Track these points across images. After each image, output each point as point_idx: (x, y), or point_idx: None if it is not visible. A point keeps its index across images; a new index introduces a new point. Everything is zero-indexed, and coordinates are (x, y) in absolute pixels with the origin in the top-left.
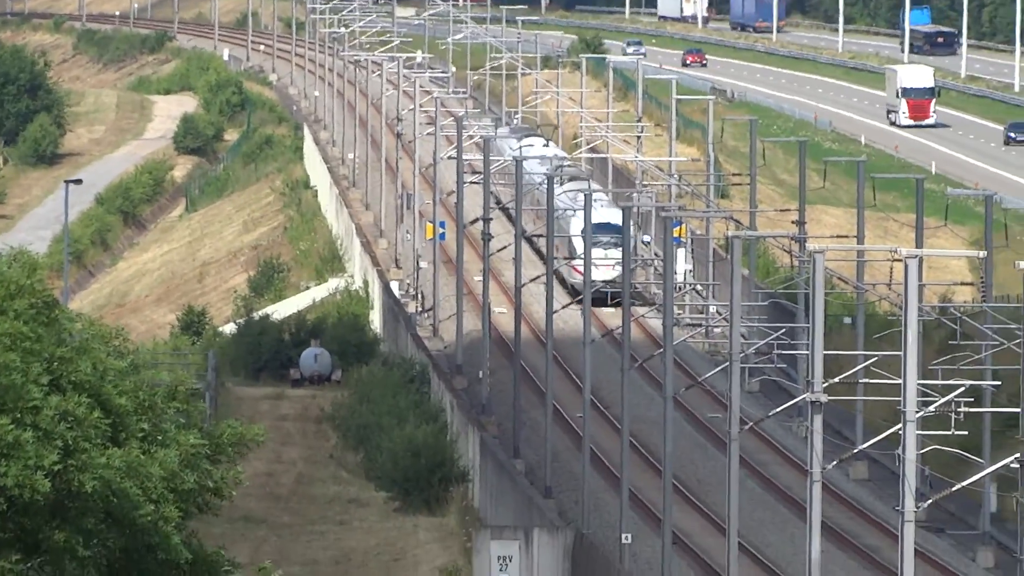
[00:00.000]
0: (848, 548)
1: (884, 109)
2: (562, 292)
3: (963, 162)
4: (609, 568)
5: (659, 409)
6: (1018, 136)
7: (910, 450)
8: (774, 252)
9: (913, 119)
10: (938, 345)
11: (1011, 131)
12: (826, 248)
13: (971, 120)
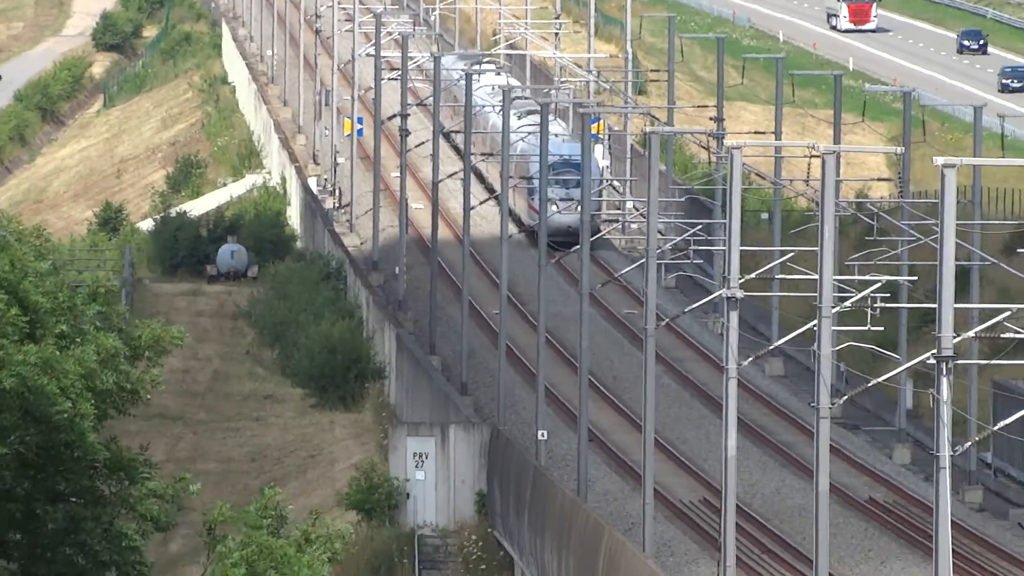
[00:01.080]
0: (763, 444)
1: (824, 13)
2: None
3: (912, 71)
4: (525, 464)
5: (575, 305)
6: (971, 44)
7: (825, 346)
8: (692, 148)
9: (854, 23)
10: (855, 241)
11: (964, 39)
12: (744, 144)
13: (921, 27)
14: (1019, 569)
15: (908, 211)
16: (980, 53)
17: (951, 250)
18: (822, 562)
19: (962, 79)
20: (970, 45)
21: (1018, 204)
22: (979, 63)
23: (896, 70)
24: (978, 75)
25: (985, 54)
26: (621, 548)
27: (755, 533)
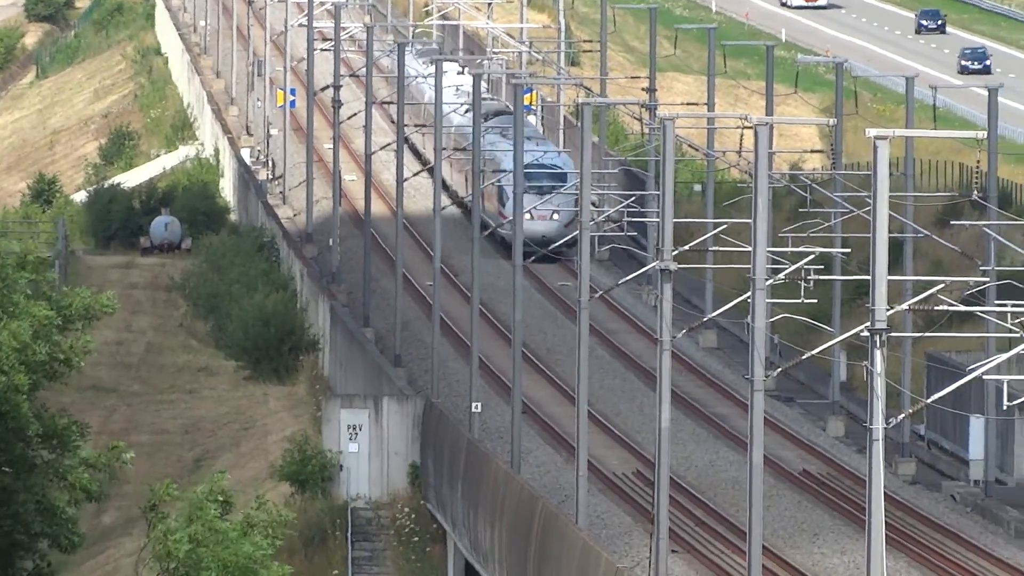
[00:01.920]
0: (697, 416)
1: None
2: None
3: (866, 50)
4: (458, 436)
5: (509, 278)
6: (929, 24)
7: (759, 318)
8: (625, 120)
9: (805, 0)
10: (788, 213)
11: (923, 19)
12: (676, 115)
13: (875, 4)
14: (952, 541)
15: (841, 183)
16: (938, 33)
17: (884, 222)
18: (755, 535)
19: (921, 60)
20: (928, 25)
21: (951, 176)
22: (936, 43)
23: (853, 51)
24: (936, 56)
25: (944, 34)
26: (554, 520)
27: (688, 505)
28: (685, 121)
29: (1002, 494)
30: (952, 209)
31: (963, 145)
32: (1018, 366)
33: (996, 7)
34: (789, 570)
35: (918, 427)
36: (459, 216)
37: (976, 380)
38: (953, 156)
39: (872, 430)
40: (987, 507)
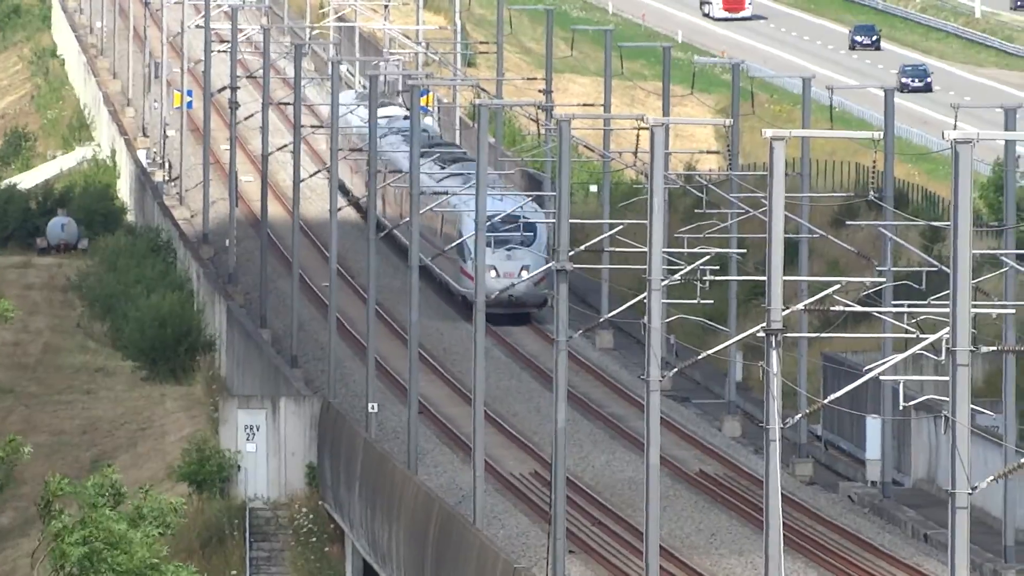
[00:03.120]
0: (594, 417)
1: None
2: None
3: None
4: (355, 437)
5: (405, 278)
6: (864, 40)
7: (655, 319)
8: (521, 121)
9: (728, 10)
10: (684, 213)
11: (856, 34)
12: (573, 116)
13: (800, 16)
14: (849, 542)
15: (737, 183)
16: (873, 49)
17: (780, 223)
18: (652, 535)
19: (856, 76)
20: (863, 40)
21: (847, 176)
22: (871, 59)
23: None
24: (872, 72)
25: (878, 50)
26: (452, 520)
27: (585, 506)
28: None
29: (899, 495)
30: (848, 209)
31: (860, 145)
32: (914, 366)
33: (930, 20)
34: (687, 571)
35: (815, 428)
36: (356, 218)
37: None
38: (850, 156)
39: (768, 430)
40: (884, 508)
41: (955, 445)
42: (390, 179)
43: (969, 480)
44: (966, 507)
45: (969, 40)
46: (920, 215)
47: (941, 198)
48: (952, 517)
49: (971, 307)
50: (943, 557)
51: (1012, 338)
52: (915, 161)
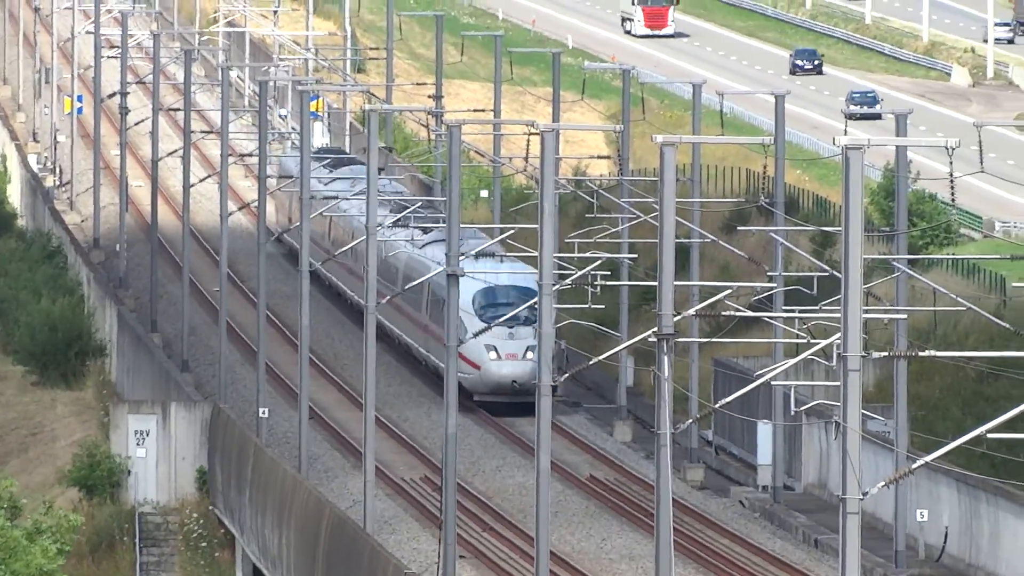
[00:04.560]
0: (485, 422)
1: (619, 16)
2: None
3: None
4: (246, 442)
5: (296, 283)
6: (805, 64)
7: (546, 324)
8: (411, 126)
9: (649, 28)
10: (574, 219)
11: (798, 59)
12: (463, 122)
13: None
14: (740, 547)
15: (628, 189)
16: (815, 74)
17: (671, 228)
18: (543, 540)
19: (799, 103)
20: (804, 65)
21: (737, 182)
22: (814, 84)
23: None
24: (816, 98)
25: (820, 75)
26: (342, 525)
27: (476, 511)
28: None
29: (790, 500)
30: (739, 215)
31: (751, 151)
32: (805, 372)
33: (821, 26)
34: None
35: (706, 433)
36: (246, 220)
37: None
38: (741, 162)
39: (660, 435)
40: (775, 512)
41: (846, 450)
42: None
43: (860, 485)
44: (857, 512)
45: (859, 46)
46: (811, 220)
47: (832, 203)
48: (843, 522)
49: (862, 312)
50: (834, 562)
51: (903, 343)
52: (806, 167)
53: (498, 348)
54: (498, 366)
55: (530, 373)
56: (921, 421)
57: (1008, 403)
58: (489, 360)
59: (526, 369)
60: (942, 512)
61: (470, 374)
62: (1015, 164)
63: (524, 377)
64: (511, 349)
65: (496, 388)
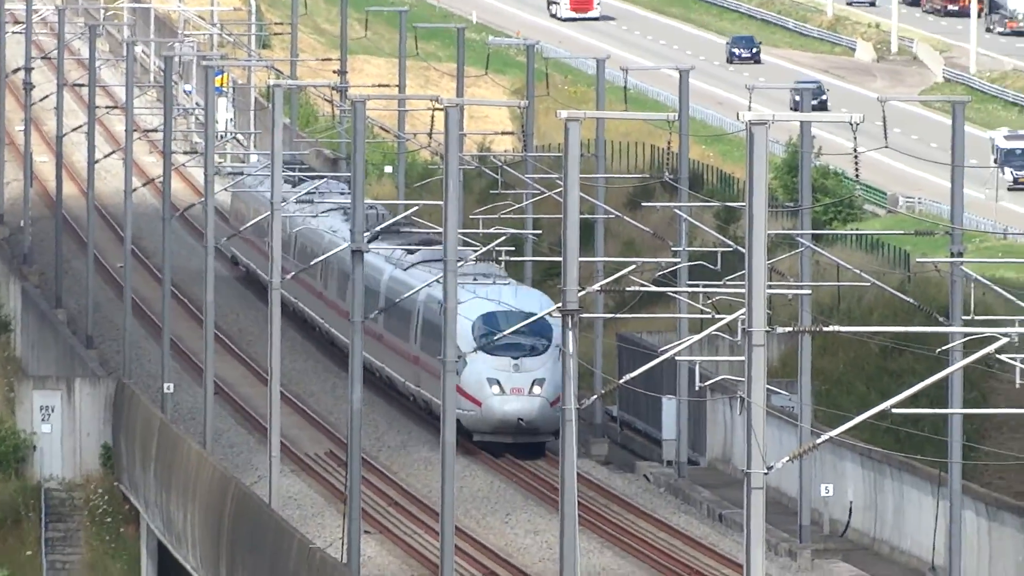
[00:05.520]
0: (389, 398)
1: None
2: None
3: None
4: (150, 417)
5: (200, 259)
6: (743, 52)
7: (451, 300)
8: (316, 102)
9: (575, 10)
10: (479, 194)
11: (734, 47)
12: (367, 97)
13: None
14: (644, 521)
15: (532, 164)
16: (752, 62)
17: (575, 203)
18: (447, 515)
19: (739, 91)
20: (741, 53)
21: (642, 158)
22: (749, 72)
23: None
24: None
25: (758, 63)
26: (247, 501)
27: (381, 486)
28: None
29: (695, 474)
30: (644, 191)
31: (655, 127)
32: (710, 347)
33: (725, 1)
34: (482, 550)
35: (611, 408)
36: (150, 196)
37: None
38: (645, 138)
39: (564, 411)
40: (680, 487)
41: (750, 425)
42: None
43: (764, 460)
44: (761, 487)
45: (764, 21)
46: (715, 196)
47: (736, 179)
48: (747, 497)
49: (766, 287)
50: (738, 537)
51: (807, 318)
52: (710, 143)
53: (501, 382)
54: (501, 402)
55: (538, 410)
56: (825, 396)
57: (912, 378)
58: (491, 395)
59: (534, 406)
60: (847, 487)
61: (470, 411)
62: (919, 139)
63: (532, 415)
64: (516, 383)
65: (499, 427)
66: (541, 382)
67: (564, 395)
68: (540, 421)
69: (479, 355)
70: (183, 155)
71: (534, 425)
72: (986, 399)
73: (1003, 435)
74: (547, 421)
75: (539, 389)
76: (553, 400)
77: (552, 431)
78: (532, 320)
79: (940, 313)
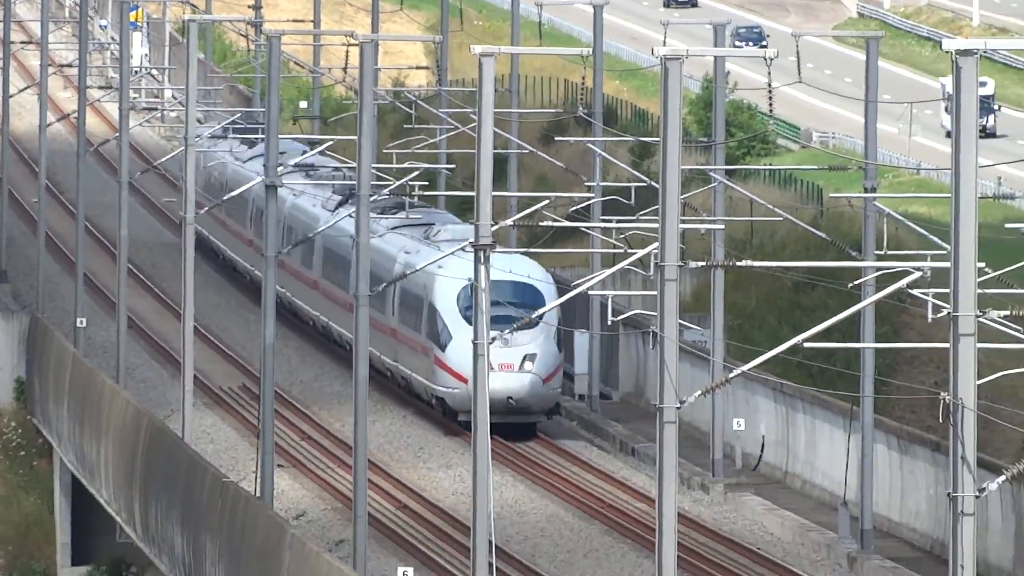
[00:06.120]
0: (301, 333)
1: None
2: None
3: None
4: (64, 352)
5: (115, 194)
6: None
7: (363, 234)
8: (231, 37)
9: None
10: (393, 129)
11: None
12: (283, 32)
13: None
14: (557, 455)
15: (446, 99)
16: (689, 7)
17: (489, 138)
18: (360, 449)
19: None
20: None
21: (556, 93)
22: (683, 15)
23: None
24: (695, 32)
25: (695, 7)
26: (161, 435)
27: (295, 420)
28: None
29: (607, 409)
30: (557, 126)
31: (569, 62)
32: (623, 281)
33: None
34: (395, 484)
35: None
36: (65, 131)
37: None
38: (559, 73)
39: (477, 345)
40: (592, 422)
41: (663, 360)
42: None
43: (677, 395)
44: (674, 421)
45: None
46: (629, 131)
47: (650, 114)
48: (660, 431)
49: (679, 222)
50: (651, 471)
51: (720, 253)
52: (624, 78)
53: (494, 358)
54: (490, 380)
55: (529, 388)
56: (738, 331)
57: (824, 312)
58: None
59: (524, 383)
60: (759, 421)
61: (455, 389)
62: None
63: (523, 393)
64: (505, 359)
65: (493, 404)
66: (532, 358)
67: (476, 330)
68: (531, 399)
69: (465, 328)
70: (98, 90)
71: (525, 403)
72: (898, 334)
73: (914, 369)
74: (539, 399)
75: (530, 365)
76: (546, 377)
77: (544, 410)
78: None
79: (852, 248)
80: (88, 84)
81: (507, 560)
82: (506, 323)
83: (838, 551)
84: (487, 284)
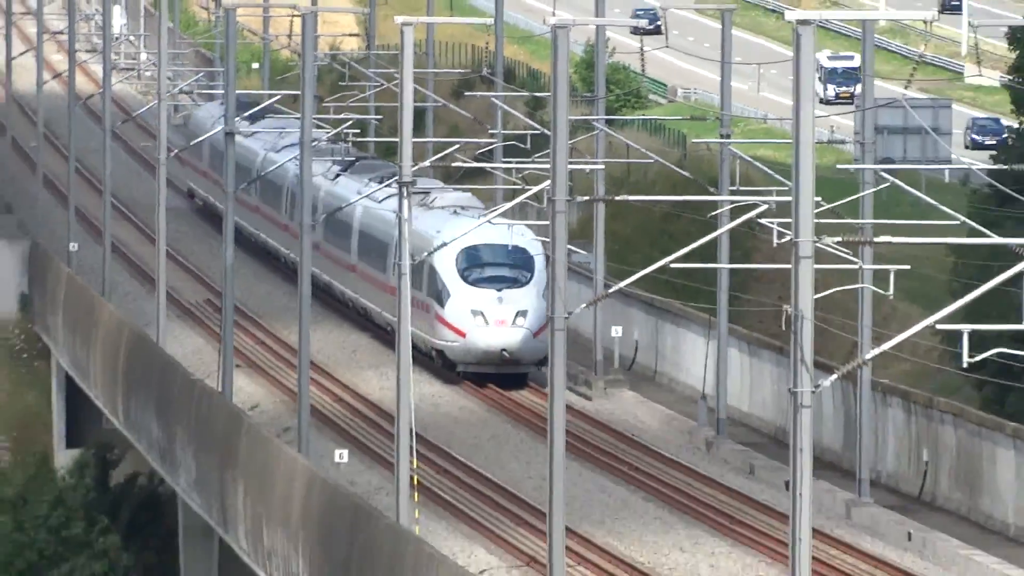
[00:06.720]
0: (257, 256)
1: None
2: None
3: None
4: (59, 271)
5: (100, 140)
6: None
7: (306, 172)
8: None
9: None
10: (330, 86)
11: None
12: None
13: None
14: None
15: (374, 61)
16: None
17: (409, 93)
18: (304, 353)
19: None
20: None
21: (465, 55)
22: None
23: None
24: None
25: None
26: (140, 341)
27: (250, 328)
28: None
29: None
30: (466, 83)
31: (475, 30)
32: (521, 214)
33: None
34: (334, 381)
35: None
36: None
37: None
38: (467, 39)
39: (402, 276)
40: None
41: (553, 279)
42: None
43: (565, 307)
44: (563, 329)
45: None
46: (525, 87)
47: (543, 73)
48: (552, 337)
49: (567, 164)
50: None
51: (602, 190)
52: (521, 43)
53: (485, 314)
54: (485, 334)
55: (521, 341)
56: (616, 254)
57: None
58: (475, 327)
59: (517, 337)
60: (633, 329)
61: (454, 342)
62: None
63: (515, 346)
64: (500, 315)
65: (483, 358)
66: (524, 314)
67: (398, 258)
68: (523, 352)
69: (463, 287)
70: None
71: (517, 356)
72: (748, 256)
73: (762, 286)
74: (530, 352)
75: (522, 320)
76: (536, 331)
77: (535, 361)
78: None
79: (711, 185)
80: (76, 48)
81: (426, 444)
82: (500, 283)
83: (698, 436)
84: (410, 216)
